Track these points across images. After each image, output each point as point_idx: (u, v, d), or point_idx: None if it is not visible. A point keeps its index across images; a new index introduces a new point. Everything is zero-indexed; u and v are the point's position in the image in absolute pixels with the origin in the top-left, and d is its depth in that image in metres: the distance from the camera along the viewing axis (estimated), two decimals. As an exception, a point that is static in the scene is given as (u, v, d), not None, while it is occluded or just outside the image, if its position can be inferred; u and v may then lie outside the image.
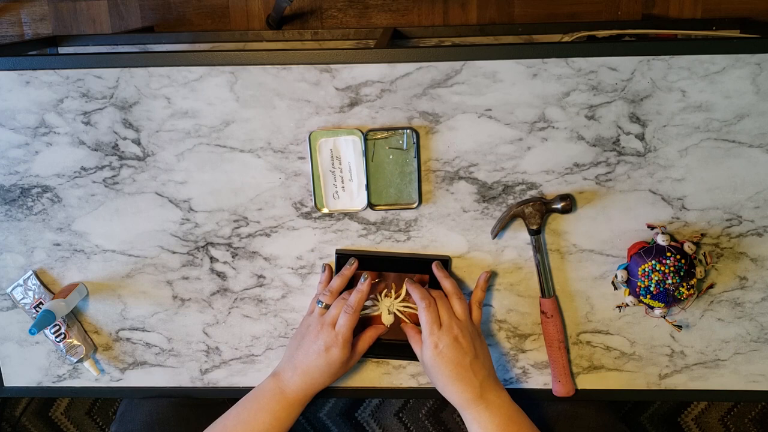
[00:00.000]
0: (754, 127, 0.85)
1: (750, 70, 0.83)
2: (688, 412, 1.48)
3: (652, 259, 0.85)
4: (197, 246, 0.94)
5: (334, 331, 0.87)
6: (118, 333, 0.99)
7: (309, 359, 0.87)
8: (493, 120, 0.87)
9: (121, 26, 1.41)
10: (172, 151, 0.90)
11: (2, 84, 0.88)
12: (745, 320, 0.93)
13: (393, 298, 0.93)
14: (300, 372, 0.88)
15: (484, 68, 0.85)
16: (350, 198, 0.91)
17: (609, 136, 0.87)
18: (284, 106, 0.88)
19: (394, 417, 1.51)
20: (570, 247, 0.91)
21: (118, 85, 0.88)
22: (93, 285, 0.97)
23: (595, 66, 0.84)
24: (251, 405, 0.88)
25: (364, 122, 0.88)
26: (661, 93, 0.84)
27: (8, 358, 1.02)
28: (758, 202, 0.88)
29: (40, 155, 0.92)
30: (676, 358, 0.95)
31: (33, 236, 0.95)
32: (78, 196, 0.93)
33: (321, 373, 0.87)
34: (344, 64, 0.85)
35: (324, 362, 0.87)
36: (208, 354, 1.00)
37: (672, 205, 0.89)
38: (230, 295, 0.97)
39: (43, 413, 1.58)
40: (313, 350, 0.87)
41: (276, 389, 0.88)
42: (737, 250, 0.90)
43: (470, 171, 0.89)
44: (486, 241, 0.92)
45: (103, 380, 1.02)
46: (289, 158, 0.90)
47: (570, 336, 0.95)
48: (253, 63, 0.86)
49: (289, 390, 0.88)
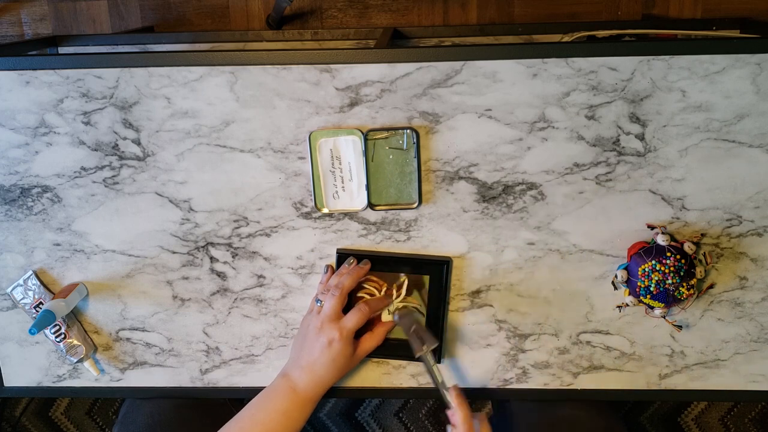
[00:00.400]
0: (754, 127, 0.85)
1: (750, 70, 0.83)
2: (688, 412, 1.48)
3: (652, 259, 0.85)
4: (197, 246, 0.94)
5: (336, 325, 0.87)
6: (118, 333, 0.99)
7: (313, 356, 0.88)
8: (493, 120, 0.87)
9: (121, 26, 1.41)
10: (172, 151, 0.90)
11: (2, 84, 0.88)
12: (745, 320, 0.93)
13: (393, 298, 0.93)
14: (307, 370, 0.88)
15: (484, 68, 0.85)
16: (350, 198, 0.91)
17: (609, 136, 0.87)
18: (284, 106, 0.88)
19: (394, 417, 1.51)
20: (570, 247, 0.91)
21: (118, 85, 0.88)
22: (93, 285, 0.97)
23: (595, 66, 0.84)
24: (265, 405, 0.88)
25: (364, 122, 0.88)
26: (661, 93, 0.84)
27: (8, 358, 1.02)
28: (758, 202, 0.88)
29: (40, 155, 0.92)
30: (676, 358, 0.95)
31: (33, 236, 0.95)
32: (78, 196, 0.93)
33: (327, 369, 0.88)
34: (344, 64, 0.85)
35: (328, 357, 0.87)
36: (208, 354, 1.00)
37: (672, 205, 0.89)
38: (230, 295, 0.97)
39: (43, 413, 1.58)
40: (317, 347, 0.87)
41: (288, 388, 0.89)
42: (737, 250, 0.90)
43: (470, 171, 0.89)
44: (486, 241, 0.92)
45: (103, 380, 1.02)
46: (289, 158, 0.90)
47: (570, 336, 0.95)
48: (253, 63, 0.86)
49: (299, 389, 0.88)
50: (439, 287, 0.92)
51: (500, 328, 0.96)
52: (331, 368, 0.88)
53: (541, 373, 0.97)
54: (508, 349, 0.97)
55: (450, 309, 0.95)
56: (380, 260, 0.92)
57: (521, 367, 0.97)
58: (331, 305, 0.87)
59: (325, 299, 0.88)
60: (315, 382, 0.88)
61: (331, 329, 0.87)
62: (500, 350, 0.97)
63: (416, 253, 0.92)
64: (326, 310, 0.88)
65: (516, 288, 0.94)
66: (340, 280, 0.89)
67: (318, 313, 0.89)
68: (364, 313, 0.88)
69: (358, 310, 0.88)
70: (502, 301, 0.94)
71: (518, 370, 0.97)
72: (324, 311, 0.88)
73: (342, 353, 0.87)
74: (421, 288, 0.94)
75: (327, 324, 0.87)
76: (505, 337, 0.96)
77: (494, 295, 0.94)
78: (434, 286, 0.93)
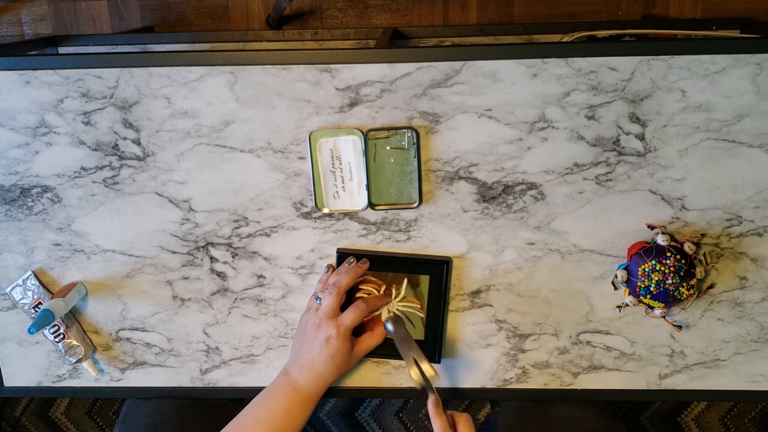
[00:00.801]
0: (754, 127, 0.85)
1: (750, 70, 0.83)
2: (688, 412, 1.48)
3: (652, 259, 0.85)
4: (197, 246, 0.94)
5: (333, 322, 0.87)
6: (118, 333, 0.99)
7: (312, 354, 0.88)
8: (493, 120, 0.87)
9: (121, 26, 1.41)
10: (172, 151, 0.90)
11: (2, 84, 0.88)
12: (745, 320, 0.93)
13: (393, 297, 0.93)
14: (306, 368, 0.89)
15: (484, 68, 0.85)
16: (351, 198, 0.91)
17: (609, 136, 0.87)
18: (284, 106, 0.88)
19: (394, 417, 1.51)
20: (570, 247, 0.91)
21: (118, 85, 0.88)
22: (93, 285, 0.97)
23: (595, 66, 0.84)
24: (267, 403, 0.89)
25: (364, 122, 0.88)
26: (661, 93, 0.84)
27: (8, 358, 1.02)
28: (758, 202, 0.88)
29: (40, 155, 0.92)
30: (676, 358, 0.95)
31: (33, 236, 0.95)
32: (78, 196, 0.93)
33: (326, 366, 0.88)
34: (344, 64, 0.85)
35: (327, 355, 0.87)
36: (208, 354, 1.00)
37: (672, 205, 0.89)
38: (230, 295, 0.97)
39: (43, 413, 1.58)
40: (315, 344, 0.88)
41: (288, 386, 0.89)
42: (737, 250, 0.90)
43: (470, 171, 0.89)
44: (486, 241, 0.92)
45: (103, 380, 1.02)
46: (289, 158, 0.90)
47: (570, 336, 0.95)
48: (253, 63, 0.86)
49: (300, 386, 0.89)
50: (439, 287, 0.92)
51: (500, 328, 0.96)
52: (330, 365, 0.88)
53: (541, 373, 0.97)
54: (508, 349, 0.97)
55: (450, 309, 0.95)
56: (380, 260, 0.92)
57: (521, 367, 0.97)
58: (329, 303, 0.88)
59: (324, 297, 0.88)
60: (315, 380, 0.89)
61: (329, 326, 0.87)
62: (500, 350, 0.97)
63: (416, 253, 0.92)
64: (324, 307, 0.88)
65: (516, 288, 0.94)
66: (338, 278, 0.89)
67: (316, 310, 0.89)
68: (362, 311, 0.89)
69: (356, 307, 0.89)
70: (502, 301, 0.94)
71: (518, 370, 0.97)
72: (322, 309, 0.88)
73: (340, 350, 0.88)
74: (420, 288, 0.94)
75: (325, 321, 0.87)
76: (505, 337, 0.96)
77: (494, 295, 0.94)
78: (434, 286, 0.93)
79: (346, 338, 0.88)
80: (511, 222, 0.91)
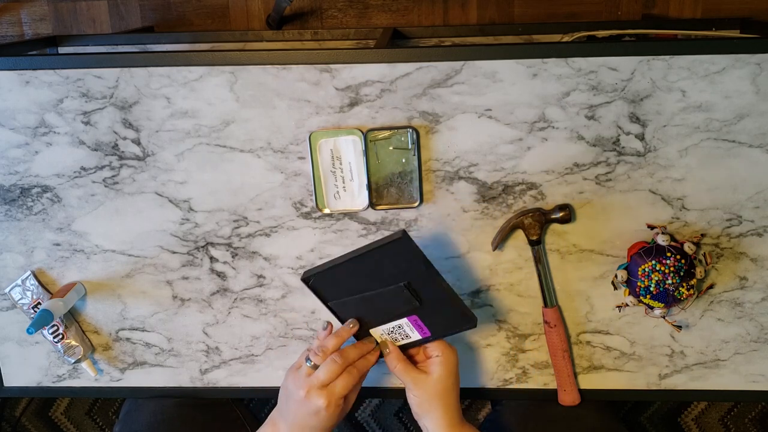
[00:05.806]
0: (754, 127, 0.85)
1: (750, 70, 0.83)
2: (688, 412, 1.48)
3: (652, 259, 0.85)
4: (197, 246, 0.94)
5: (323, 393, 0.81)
6: (117, 333, 0.99)
7: (300, 419, 0.82)
8: (493, 120, 0.87)
9: (121, 26, 1.41)
10: (172, 151, 0.90)
11: (2, 84, 0.88)
12: (745, 320, 0.93)
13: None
14: (296, 428, 0.83)
15: (484, 68, 0.85)
16: (351, 198, 0.91)
17: (609, 136, 0.87)
18: (284, 106, 0.88)
19: (394, 417, 1.51)
20: (570, 247, 0.91)
21: (118, 85, 0.88)
22: (93, 285, 0.97)
23: (595, 66, 0.84)
24: None
25: (364, 122, 0.88)
26: (661, 93, 0.84)
27: (8, 358, 1.02)
28: (758, 202, 0.88)
29: (40, 155, 0.92)
30: (676, 358, 0.95)
31: (33, 236, 0.95)
32: (78, 196, 0.93)
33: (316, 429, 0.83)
34: (344, 64, 0.85)
35: (316, 422, 0.82)
36: (208, 354, 1.00)
37: (672, 205, 0.89)
38: (230, 295, 0.97)
39: (43, 413, 1.58)
40: (303, 412, 0.82)
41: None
42: (737, 250, 0.90)
43: (470, 171, 0.89)
44: (486, 241, 0.92)
45: (103, 380, 1.02)
46: (289, 158, 0.90)
47: (570, 336, 0.95)
48: (253, 63, 0.86)
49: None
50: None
51: (500, 328, 0.96)
52: (320, 428, 0.83)
53: (541, 373, 0.97)
54: (508, 349, 0.97)
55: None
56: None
57: (521, 367, 0.97)
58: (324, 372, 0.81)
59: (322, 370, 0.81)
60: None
61: (318, 397, 0.80)
62: (500, 350, 0.97)
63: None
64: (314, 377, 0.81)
65: (516, 288, 0.94)
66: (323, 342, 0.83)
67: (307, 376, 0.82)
68: (354, 377, 0.82)
69: (348, 374, 0.82)
70: (502, 301, 0.94)
71: (518, 370, 0.97)
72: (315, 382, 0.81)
73: (330, 418, 0.82)
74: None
75: (314, 392, 0.81)
76: (505, 337, 0.96)
77: (494, 295, 0.94)
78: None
79: (337, 406, 0.82)
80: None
